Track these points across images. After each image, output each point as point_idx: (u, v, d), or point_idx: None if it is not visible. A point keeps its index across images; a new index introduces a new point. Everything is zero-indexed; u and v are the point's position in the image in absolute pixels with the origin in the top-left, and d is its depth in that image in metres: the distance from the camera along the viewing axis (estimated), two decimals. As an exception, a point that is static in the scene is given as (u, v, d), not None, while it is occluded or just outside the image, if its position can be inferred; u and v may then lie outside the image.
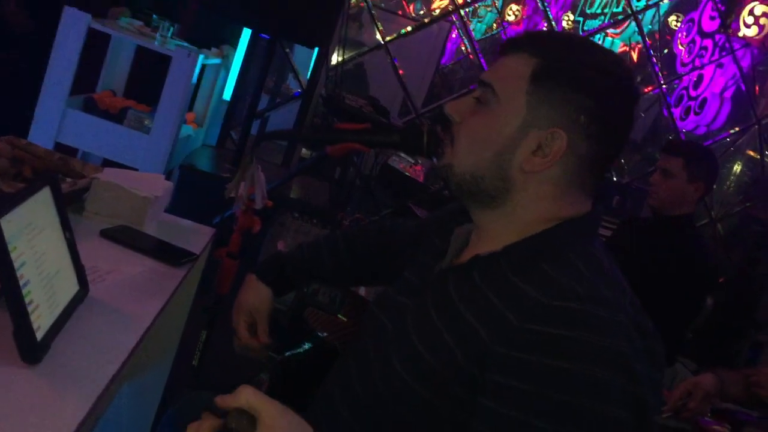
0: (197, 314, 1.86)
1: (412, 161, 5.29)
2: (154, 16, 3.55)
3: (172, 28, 3.52)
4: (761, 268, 4.98)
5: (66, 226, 1.21)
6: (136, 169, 3.02)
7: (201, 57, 3.43)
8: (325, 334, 1.53)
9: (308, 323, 1.50)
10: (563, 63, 0.98)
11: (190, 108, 3.99)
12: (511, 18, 7.88)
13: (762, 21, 4.37)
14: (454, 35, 7.38)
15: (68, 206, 1.58)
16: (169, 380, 1.88)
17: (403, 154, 5.41)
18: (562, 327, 0.87)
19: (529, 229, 1.01)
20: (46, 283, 1.07)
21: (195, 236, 1.80)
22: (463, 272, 1.03)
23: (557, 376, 0.84)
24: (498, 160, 1.00)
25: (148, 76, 3.79)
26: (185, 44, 3.54)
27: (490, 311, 0.94)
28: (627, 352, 0.86)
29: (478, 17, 8.57)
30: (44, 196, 1.14)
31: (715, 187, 5.10)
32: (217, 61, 4.03)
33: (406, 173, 5.09)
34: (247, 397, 0.83)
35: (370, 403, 1.05)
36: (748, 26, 4.40)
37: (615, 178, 4.94)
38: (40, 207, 1.12)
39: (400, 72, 4.48)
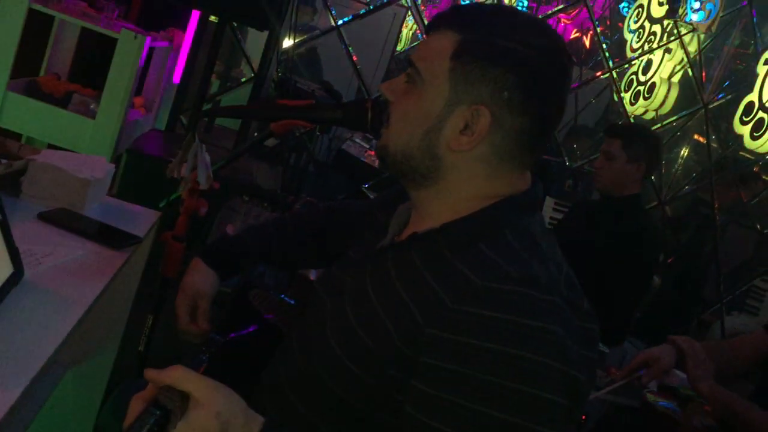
0: (143, 299, 1.83)
1: (367, 146, 5.28)
2: (100, -3, 3.46)
3: (118, 10, 3.43)
4: (707, 248, 5.11)
5: (-2, 207, 1.17)
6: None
7: (148, 40, 3.35)
8: (270, 316, 1.52)
9: (254, 305, 1.48)
10: (482, 38, 0.96)
11: (139, 92, 3.91)
12: (466, 2, 7.91)
13: (708, 6, 4.46)
14: (410, 21, 7.37)
15: (4, 189, 1.54)
16: (115, 366, 1.85)
17: (358, 140, 5.40)
18: (496, 309, 0.86)
19: (465, 208, 1.00)
20: (-26, 265, 1.03)
21: (140, 220, 1.76)
22: (402, 250, 1.02)
23: (489, 358, 0.84)
24: (426, 140, 0.99)
25: (94, 59, 3.70)
26: (132, 27, 3.46)
27: (426, 291, 0.93)
28: (560, 333, 0.87)
29: (434, 3, 8.58)
30: (-27, 175, 1.10)
31: (663, 170, 5.23)
32: (165, 44, 3.95)
33: (361, 158, 5.08)
34: (178, 374, 0.81)
35: (311, 383, 1.03)
36: (694, 11, 4.48)
37: (567, 162, 5.00)
38: (-32, 187, 1.08)
39: (354, 58, 4.45)
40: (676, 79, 5.11)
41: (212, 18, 3.64)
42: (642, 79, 5.13)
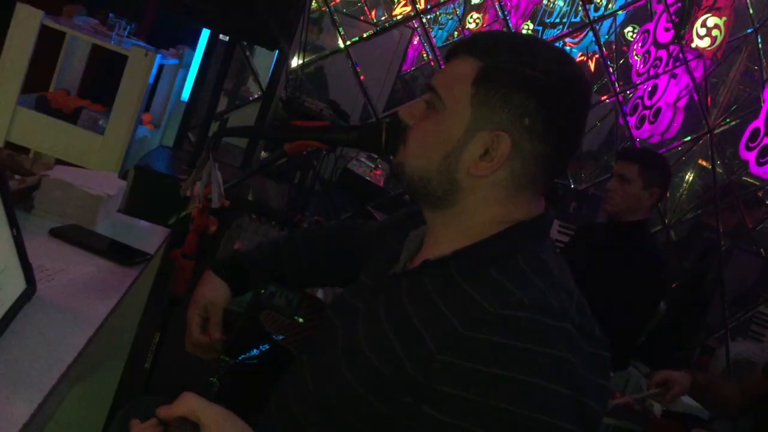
0: (151, 316, 1.83)
1: (372, 166, 5.29)
2: (111, 14, 3.48)
3: (129, 27, 3.46)
4: (711, 273, 5.10)
5: (13, 222, 1.17)
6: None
7: (158, 57, 3.38)
8: (281, 336, 1.51)
9: (264, 326, 1.47)
10: (504, 64, 0.97)
11: (147, 108, 3.93)
12: (472, 26, 7.97)
13: (714, 33, 4.49)
14: (415, 42, 7.43)
15: (17, 204, 1.54)
16: (121, 383, 1.84)
17: (363, 159, 5.41)
18: (507, 336, 0.86)
19: (479, 232, 1.00)
20: (-10, 281, 1.03)
21: (149, 236, 1.77)
22: (415, 277, 1.02)
23: (501, 385, 0.84)
24: (445, 164, 0.99)
25: (104, 75, 3.72)
26: (142, 44, 3.49)
27: (437, 318, 0.93)
28: (571, 360, 0.86)
29: (440, 24, 8.65)
30: (-10, 191, 1.10)
31: (668, 195, 5.24)
32: (175, 61, 3.98)
33: (367, 177, 5.08)
34: (188, 404, 0.81)
35: (321, 408, 1.03)
36: (700, 37, 4.51)
37: (572, 185, 5.01)
38: (-15, 202, 1.08)
39: (361, 78, 4.48)
40: (681, 103, 5.13)
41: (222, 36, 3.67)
42: (647, 103, 5.15)
